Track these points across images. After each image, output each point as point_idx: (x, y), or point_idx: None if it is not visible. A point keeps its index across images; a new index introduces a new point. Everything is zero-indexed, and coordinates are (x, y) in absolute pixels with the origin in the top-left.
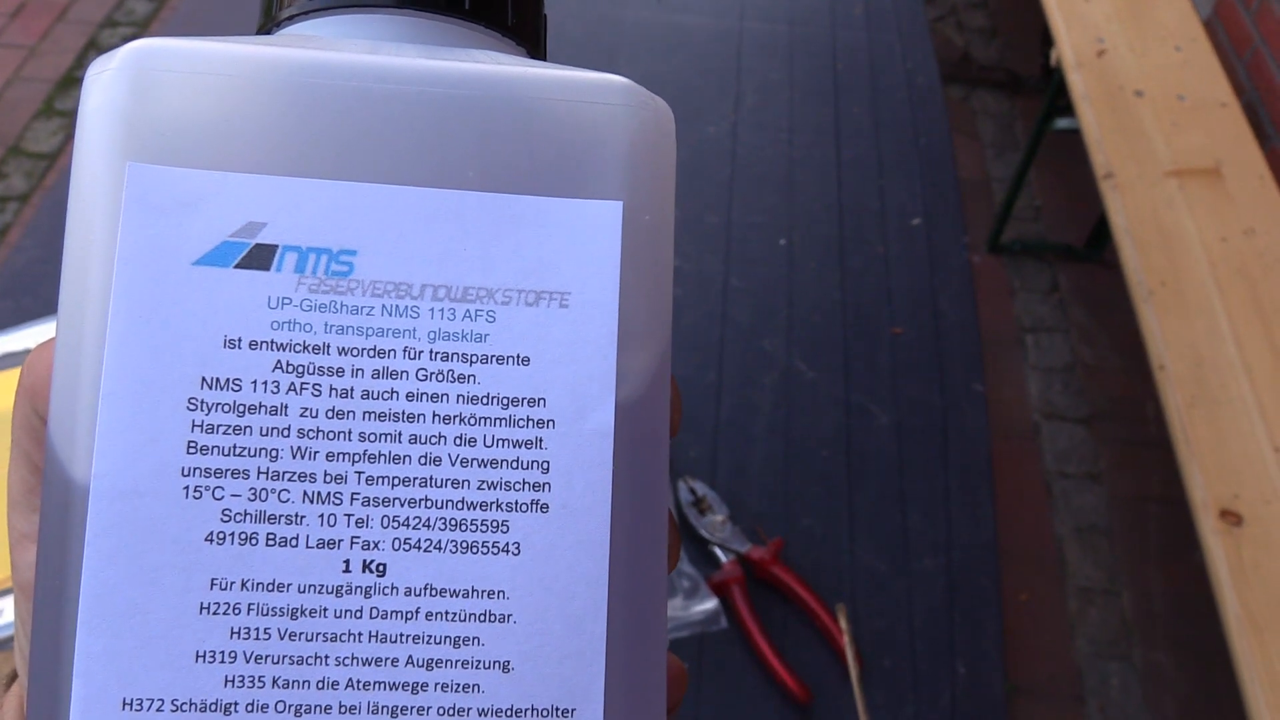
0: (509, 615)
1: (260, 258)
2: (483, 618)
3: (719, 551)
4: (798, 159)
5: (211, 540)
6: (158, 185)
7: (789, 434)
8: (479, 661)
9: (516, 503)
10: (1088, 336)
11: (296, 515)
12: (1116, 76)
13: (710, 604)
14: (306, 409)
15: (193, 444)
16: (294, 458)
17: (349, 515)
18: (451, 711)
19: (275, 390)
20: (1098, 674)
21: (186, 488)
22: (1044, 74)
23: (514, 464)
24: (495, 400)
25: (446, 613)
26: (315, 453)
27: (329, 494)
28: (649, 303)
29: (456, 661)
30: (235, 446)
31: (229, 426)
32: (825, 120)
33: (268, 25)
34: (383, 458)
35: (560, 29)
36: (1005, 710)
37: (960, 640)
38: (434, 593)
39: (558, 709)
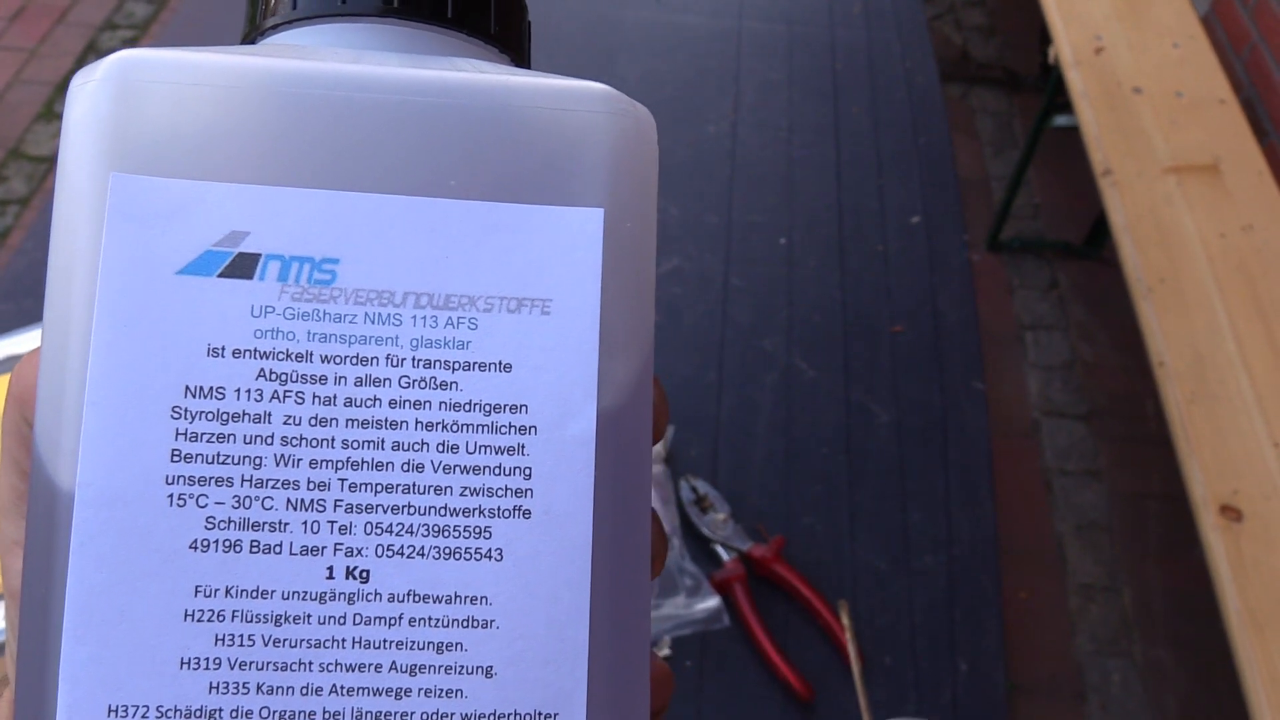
0: (492, 621)
1: (243, 267)
2: (466, 623)
3: (721, 550)
4: (797, 158)
5: (196, 547)
6: (141, 195)
7: (790, 432)
8: (462, 667)
9: (499, 509)
10: (1087, 334)
11: (280, 523)
12: (1115, 74)
13: (713, 602)
14: (290, 417)
15: (176, 452)
16: (277, 465)
17: (332, 522)
18: (435, 717)
19: (258, 398)
20: (1098, 671)
21: (171, 495)
22: (1042, 72)
23: (496, 470)
24: (477, 407)
25: (430, 618)
26: (299, 460)
27: (312, 501)
28: (631, 309)
29: (440, 667)
30: (219, 454)
31: (212, 434)
32: (824, 119)
33: (252, 35)
34: (366, 465)
35: (559, 29)
36: (1006, 707)
37: (961, 638)
38: (417, 599)
39: (541, 714)
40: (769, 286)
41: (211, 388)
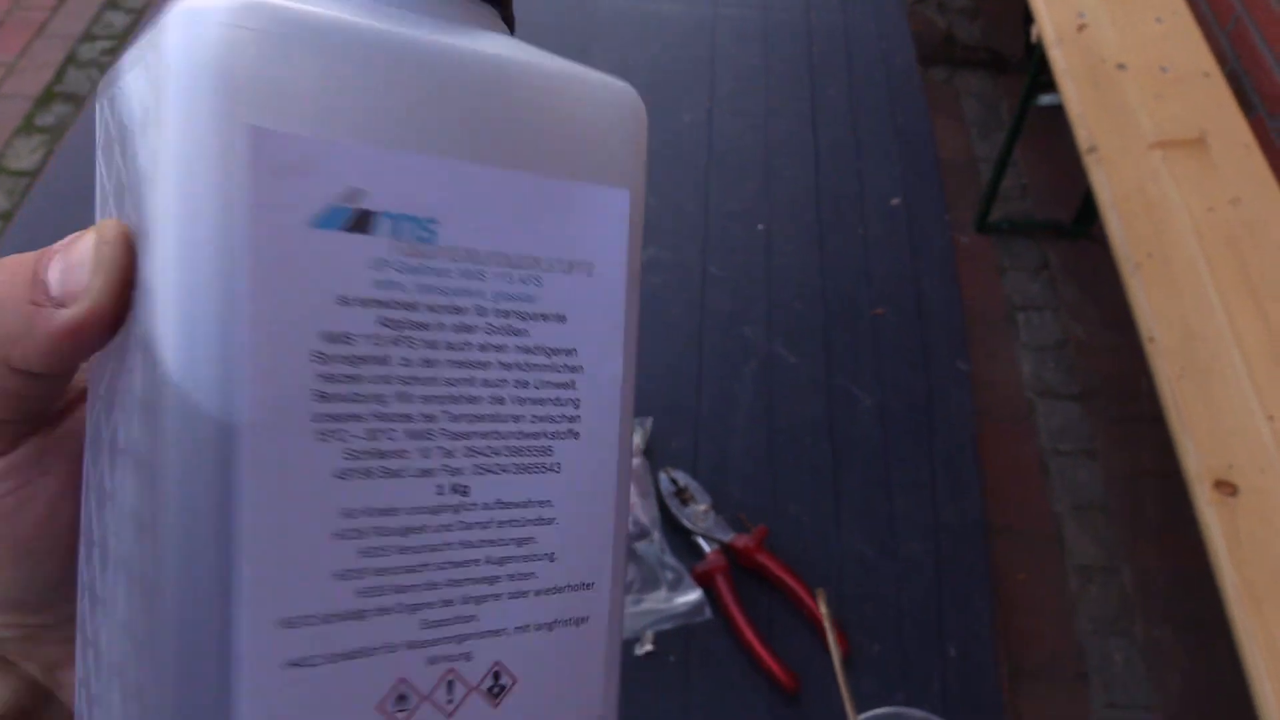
0: (553, 519)
1: (363, 222)
2: (536, 522)
3: (702, 541)
4: (775, 144)
5: (340, 475)
6: (275, 147)
7: (771, 421)
8: (534, 555)
9: (557, 432)
10: (1079, 313)
11: (401, 450)
12: (1098, 50)
13: (694, 595)
14: (404, 359)
15: (320, 393)
16: (397, 401)
17: (440, 448)
18: (517, 594)
19: (379, 343)
20: (1100, 651)
21: (318, 431)
22: (1027, 53)
23: (555, 401)
24: (541, 350)
25: (512, 520)
26: (412, 396)
27: (424, 431)
28: (637, 276)
29: (520, 557)
30: (353, 393)
31: (346, 376)
32: (802, 104)
33: None
34: (463, 399)
35: (533, 15)
36: (998, 690)
37: (950, 623)
38: (503, 505)
39: (584, 584)
40: (748, 274)
41: (343, 333)
